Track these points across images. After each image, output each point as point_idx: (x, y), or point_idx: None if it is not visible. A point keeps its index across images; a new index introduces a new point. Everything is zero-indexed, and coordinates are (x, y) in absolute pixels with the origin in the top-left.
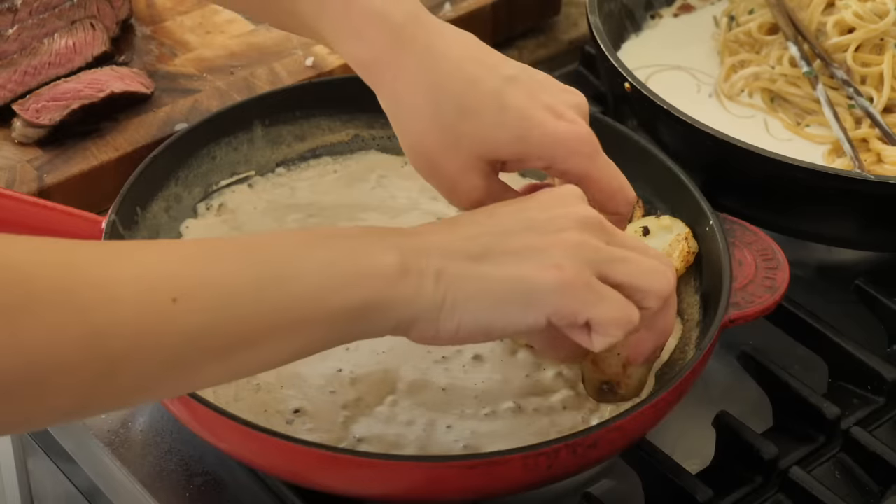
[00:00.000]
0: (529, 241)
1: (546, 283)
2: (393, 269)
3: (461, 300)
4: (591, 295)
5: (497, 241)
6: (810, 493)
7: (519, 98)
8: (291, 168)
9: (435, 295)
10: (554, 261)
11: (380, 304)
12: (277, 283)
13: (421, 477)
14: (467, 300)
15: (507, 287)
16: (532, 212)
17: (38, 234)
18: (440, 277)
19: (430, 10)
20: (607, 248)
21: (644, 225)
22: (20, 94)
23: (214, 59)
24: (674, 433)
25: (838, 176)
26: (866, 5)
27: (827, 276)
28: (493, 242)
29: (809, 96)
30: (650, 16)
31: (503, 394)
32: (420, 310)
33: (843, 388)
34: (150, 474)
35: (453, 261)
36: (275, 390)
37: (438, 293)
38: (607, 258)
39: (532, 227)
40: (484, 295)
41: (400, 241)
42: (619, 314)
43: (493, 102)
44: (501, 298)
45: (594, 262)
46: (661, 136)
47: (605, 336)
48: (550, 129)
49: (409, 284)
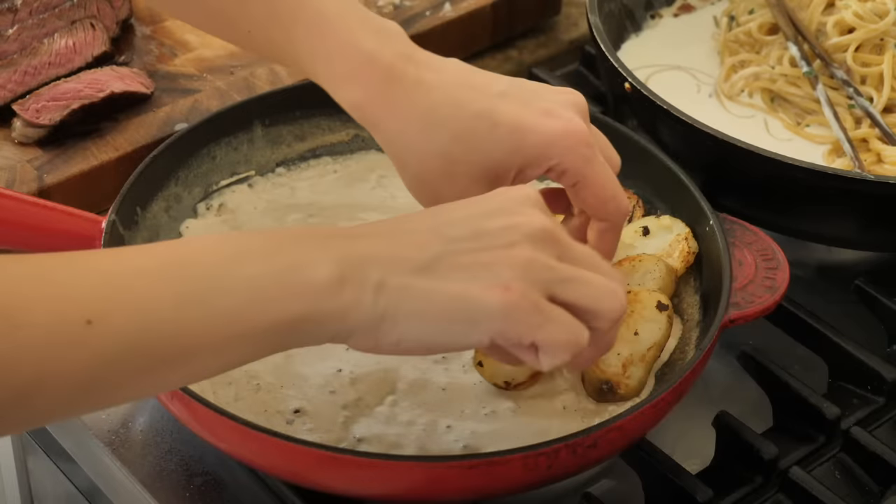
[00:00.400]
0: (478, 257)
1: (491, 305)
2: (328, 281)
3: (402, 315)
4: (538, 317)
5: (444, 253)
6: (810, 493)
7: (510, 111)
8: (291, 168)
9: (374, 308)
10: (501, 280)
11: (312, 317)
12: (200, 300)
13: (421, 477)
14: (409, 316)
15: (452, 306)
16: (483, 220)
17: (38, 234)
18: (380, 290)
19: (430, 10)
20: (558, 267)
21: (644, 225)
22: (20, 94)
23: (214, 59)
24: (674, 433)
25: (838, 176)
26: (866, 5)
27: (827, 276)
28: (441, 253)
29: (809, 96)
30: (650, 16)
31: (503, 394)
32: (358, 322)
33: (843, 388)
34: (150, 474)
35: (396, 273)
36: (275, 390)
37: (378, 306)
38: (557, 278)
39: (481, 237)
40: (426, 312)
41: (341, 248)
42: (566, 336)
43: (484, 122)
44: (445, 317)
45: (544, 282)
46: (661, 136)
47: (552, 357)
48: (543, 129)
49: (345, 297)
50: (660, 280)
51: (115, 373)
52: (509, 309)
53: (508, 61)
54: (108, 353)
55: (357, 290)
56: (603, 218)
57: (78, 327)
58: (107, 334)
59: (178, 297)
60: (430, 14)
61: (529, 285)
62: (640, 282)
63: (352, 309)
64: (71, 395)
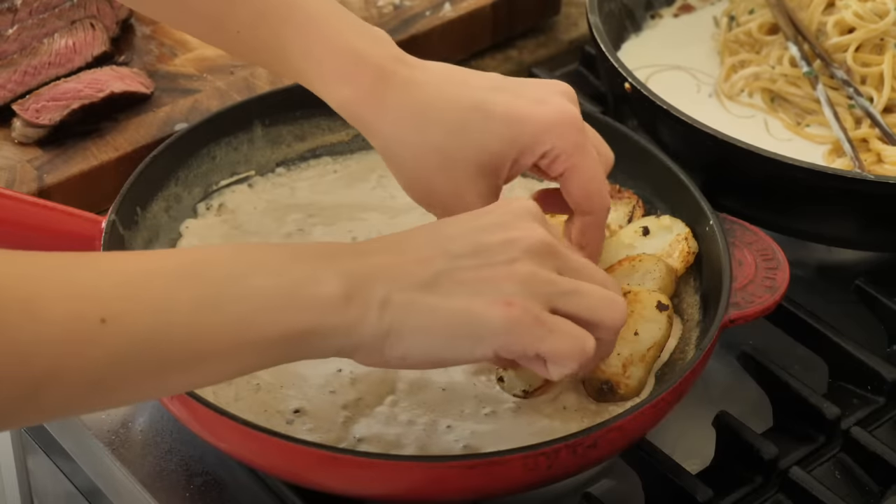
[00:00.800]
0: (479, 273)
1: (494, 320)
2: (335, 297)
3: (407, 330)
4: (540, 330)
5: (447, 269)
6: (810, 493)
7: (503, 102)
8: (291, 168)
9: (379, 324)
10: (503, 295)
11: (317, 331)
12: (213, 306)
13: (421, 477)
14: (414, 331)
15: (456, 321)
16: (483, 235)
17: (38, 234)
18: (386, 307)
19: (430, 10)
20: (559, 281)
21: (644, 225)
22: (20, 94)
23: (214, 59)
24: (674, 433)
25: (838, 176)
26: (866, 5)
27: (827, 276)
28: (444, 270)
29: (809, 96)
30: (650, 16)
31: (503, 394)
32: (363, 337)
33: (843, 388)
34: (150, 474)
35: (401, 290)
36: (275, 390)
37: (383, 322)
38: (558, 291)
39: (482, 253)
40: (431, 327)
41: (347, 265)
42: (570, 346)
43: (477, 115)
44: (449, 332)
45: (545, 296)
46: (661, 136)
47: (559, 367)
48: (537, 117)
49: (351, 313)
50: (660, 280)
51: (125, 373)
52: (512, 323)
53: (508, 61)
54: (120, 352)
55: (362, 306)
56: (587, 211)
57: (93, 326)
58: (121, 333)
59: (193, 301)
60: (430, 14)
61: (531, 299)
62: (640, 282)
63: (357, 324)
64: (81, 393)
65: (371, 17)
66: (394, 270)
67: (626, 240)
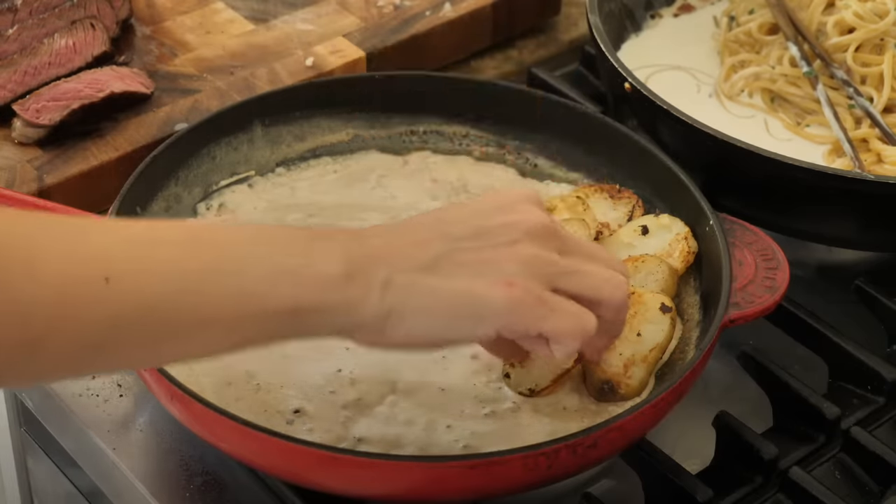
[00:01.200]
0: (480, 255)
1: (496, 300)
2: (336, 275)
3: (409, 311)
4: (542, 309)
5: (448, 251)
6: (810, 493)
7: None
8: (291, 168)
9: (381, 304)
10: (505, 276)
11: (318, 308)
12: (217, 275)
13: (421, 477)
14: (415, 312)
15: (457, 302)
16: (484, 218)
17: None
18: (387, 287)
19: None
20: (560, 261)
21: (643, 224)
22: (20, 94)
23: (214, 59)
24: (674, 433)
25: (838, 176)
26: (866, 5)
27: (827, 276)
28: (445, 252)
29: (809, 96)
30: (650, 16)
31: (503, 394)
32: (364, 317)
33: (843, 388)
34: (150, 474)
35: (402, 271)
36: (275, 390)
37: (385, 303)
38: (559, 271)
39: (483, 235)
40: (433, 308)
41: (349, 246)
42: (572, 325)
43: None
44: (451, 312)
45: (546, 276)
46: (661, 136)
47: (562, 346)
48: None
49: (352, 292)
50: (662, 282)
51: (123, 336)
52: (513, 303)
53: (508, 61)
54: (121, 314)
55: (364, 287)
56: None
57: (95, 286)
58: (124, 292)
59: (200, 270)
60: (430, 14)
61: (533, 279)
62: (643, 283)
63: (358, 303)
64: (74, 355)
65: (371, 16)
66: (395, 253)
67: (625, 239)
